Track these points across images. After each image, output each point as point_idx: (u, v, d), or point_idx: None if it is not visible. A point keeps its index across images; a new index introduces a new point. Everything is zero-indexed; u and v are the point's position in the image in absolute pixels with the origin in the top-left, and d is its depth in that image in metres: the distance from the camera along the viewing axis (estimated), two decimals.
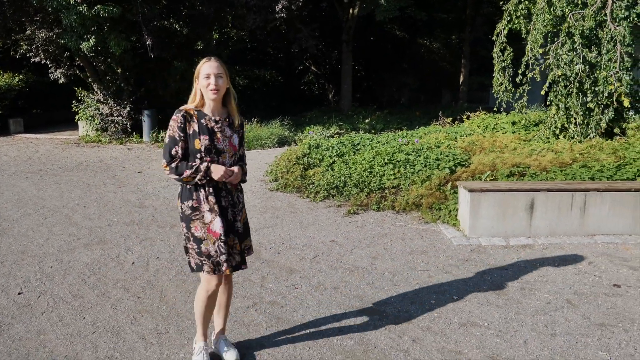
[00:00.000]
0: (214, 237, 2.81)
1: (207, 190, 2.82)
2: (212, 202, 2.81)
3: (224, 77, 2.82)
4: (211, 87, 2.78)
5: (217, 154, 2.82)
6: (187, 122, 2.80)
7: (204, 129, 2.80)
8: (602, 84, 6.92)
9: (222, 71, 2.82)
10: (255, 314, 3.63)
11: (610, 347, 3.16)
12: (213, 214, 2.81)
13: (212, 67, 2.80)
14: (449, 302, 3.79)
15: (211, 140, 2.80)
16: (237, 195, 2.98)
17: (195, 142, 2.78)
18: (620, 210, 5.22)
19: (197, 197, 2.82)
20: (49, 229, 5.68)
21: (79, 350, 3.19)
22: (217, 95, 2.81)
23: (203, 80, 2.80)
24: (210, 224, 2.80)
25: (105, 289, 4.10)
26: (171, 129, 2.81)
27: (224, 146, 2.85)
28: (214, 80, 2.78)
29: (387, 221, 5.78)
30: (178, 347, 3.21)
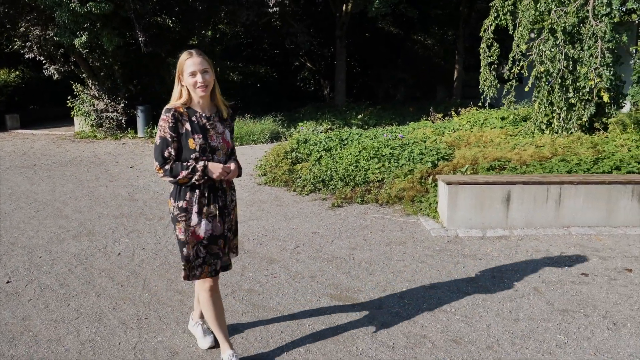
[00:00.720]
0: (195, 240, 2.74)
1: (202, 190, 2.73)
2: (204, 203, 2.73)
3: (209, 71, 2.70)
4: (199, 84, 2.66)
5: (212, 152, 2.73)
6: (177, 122, 2.68)
7: (196, 128, 2.69)
8: (583, 79, 7.06)
9: (207, 65, 2.69)
10: (232, 301, 3.78)
11: (569, 331, 3.31)
12: (200, 217, 2.73)
13: (195, 63, 2.66)
14: (420, 289, 3.94)
15: (205, 138, 2.70)
16: (230, 193, 2.90)
17: (189, 142, 2.68)
18: (595, 203, 5.36)
19: (190, 197, 2.72)
20: (39, 221, 5.83)
21: (61, 334, 3.34)
22: (206, 92, 2.70)
23: (189, 78, 2.67)
24: (195, 227, 2.73)
25: (91, 278, 4.24)
26: (161, 129, 2.69)
27: (218, 143, 2.75)
28: (200, 78, 2.65)
29: (370, 214, 5.92)
30: (156, 331, 3.36)
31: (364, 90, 21.47)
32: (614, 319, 3.46)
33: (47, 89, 16.37)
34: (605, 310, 3.57)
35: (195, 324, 3.21)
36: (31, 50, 11.91)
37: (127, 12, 10.88)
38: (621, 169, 5.82)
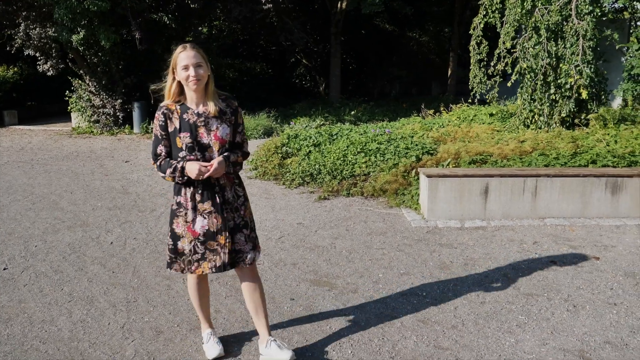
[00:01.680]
0: (193, 236, 2.76)
1: (196, 187, 2.73)
2: (198, 200, 2.74)
3: (203, 65, 2.66)
4: (191, 78, 2.63)
5: (202, 150, 2.69)
6: (167, 119, 2.71)
7: (185, 125, 2.68)
8: (564, 76, 7.27)
9: (200, 59, 2.66)
10: (217, 286, 4.00)
11: (531, 312, 3.53)
12: (195, 213, 2.74)
13: (189, 56, 2.64)
14: (395, 276, 4.15)
15: (193, 136, 2.67)
16: (234, 189, 2.84)
17: (177, 141, 2.69)
18: (570, 195, 5.58)
19: (185, 193, 2.75)
20: (36, 213, 6.04)
21: (55, 315, 3.56)
22: (198, 86, 2.66)
23: (182, 72, 2.65)
24: (191, 223, 2.74)
25: (84, 265, 4.46)
26: (155, 127, 2.76)
27: (209, 140, 2.70)
28: (193, 71, 2.62)
29: (355, 206, 6.14)
30: (144, 313, 3.58)
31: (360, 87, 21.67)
32: (575, 302, 3.67)
33: (45, 86, 16.54)
34: (567, 294, 3.79)
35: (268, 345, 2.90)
36: (29, 47, 12.09)
37: (124, 10, 11.07)
38: (597, 162, 6.03)
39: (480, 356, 2.99)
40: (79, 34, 10.88)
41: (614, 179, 5.55)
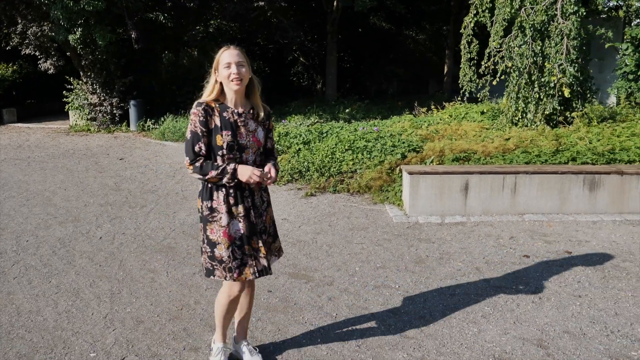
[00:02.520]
0: (229, 241, 2.66)
1: (228, 190, 2.66)
2: (232, 203, 2.66)
3: (245, 66, 2.61)
4: (233, 76, 2.56)
5: (240, 151, 2.64)
6: (208, 116, 2.62)
7: (226, 124, 2.61)
8: (547, 75, 7.39)
9: (243, 59, 2.61)
10: (199, 279, 4.15)
11: (497, 304, 3.67)
12: (230, 217, 2.66)
13: (232, 55, 2.59)
14: (371, 269, 4.30)
15: (234, 136, 2.61)
16: (260, 194, 2.80)
17: (217, 138, 2.61)
18: (548, 192, 5.72)
19: (217, 197, 2.65)
20: (29, 209, 6.20)
21: (41, 306, 3.71)
22: (240, 86, 2.60)
23: (223, 70, 2.59)
24: (226, 227, 2.65)
25: (72, 258, 4.62)
26: (192, 123, 2.62)
27: (247, 141, 2.65)
28: (235, 69, 2.56)
29: (340, 202, 6.29)
30: (126, 304, 3.73)
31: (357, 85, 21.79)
32: (541, 294, 3.82)
33: (44, 84, 16.72)
34: (535, 287, 3.94)
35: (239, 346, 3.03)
36: (28, 46, 12.25)
37: (119, 9, 11.21)
38: (577, 159, 6.16)
39: (442, 344, 3.14)
40: (75, 34, 11.04)
41: (592, 175, 5.69)
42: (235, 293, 2.74)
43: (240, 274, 2.67)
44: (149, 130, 12.43)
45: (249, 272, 2.69)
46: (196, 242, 5.01)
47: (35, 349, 3.15)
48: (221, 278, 2.68)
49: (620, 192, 5.71)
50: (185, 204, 6.37)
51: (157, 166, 8.73)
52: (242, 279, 2.68)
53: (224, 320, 2.87)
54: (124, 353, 3.09)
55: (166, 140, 11.30)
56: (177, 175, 7.98)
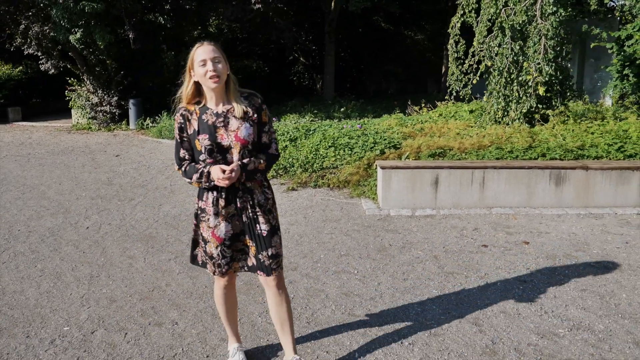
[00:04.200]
0: (217, 242, 2.64)
1: (219, 192, 2.59)
2: (221, 205, 2.60)
3: (222, 62, 2.50)
4: (210, 74, 2.45)
5: (223, 153, 2.54)
6: (186, 121, 2.58)
7: (204, 127, 2.53)
8: (525, 74, 7.63)
9: (219, 54, 2.49)
10: (173, 264, 4.45)
11: (445, 287, 3.94)
12: (219, 219, 2.61)
13: (206, 51, 2.48)
14: (335, 257, 4.58)
15: (212, 138, 2.52)
16: (262, 191, 2.67)
17: (196, 143, 2.56)
18: (516, 186, 5.96)
19: (207, 198, 2.62)
20: (24, 202, 6.54)
21: (25, 287, 4.03)
22: (218, 84, 2.49)
23: (199, 68, 2.48)
24: (214, 229, 2.62)
25: (59, 246, 4.94)
26: (175, 130, 2.64)
27: (230, 142, 2.53)
28: (211, 66, 2.45)
29: (318, 196, 6.57)
30: (103, 286, 4.04)
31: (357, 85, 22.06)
32: (488, 279, 4.08)
33: (48, 84, 17.15)
34: (484, 273, 4.20)
35: None
36: (30, 46, 12.64)
37: (118, 11, 11.56)
38: (546, 155, 6.40)
39: (385, 321, 3.42)
40: (75, 34, 11.40)
41: (558, 170, 5.93)
42: (222, 284, 2.78)
43: (229, 270, 2.71)
44: (147, 128, 12.78)
45: (237, 266, 2.73)
46: (176, 231, 5.32)
47: (15, 324, 3.46)
48: (210, 272, 2.73)
49: (585, 186, 5.94)
50: (172, 197, 6.68)
51: (150, 162, 9.06)
52: (230, 272, 2.74)
53: (228, 318, 2.89)
54: (94, 327, 3.40)
55: (163, 138, 11.64)
56: (167, 171, 8.30)
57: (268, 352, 3.08)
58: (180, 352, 3.10)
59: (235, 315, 2.95)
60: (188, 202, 6.43)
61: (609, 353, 3.03)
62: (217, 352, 3.09)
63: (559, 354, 3.03)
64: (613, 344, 3.13)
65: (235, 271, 2.76)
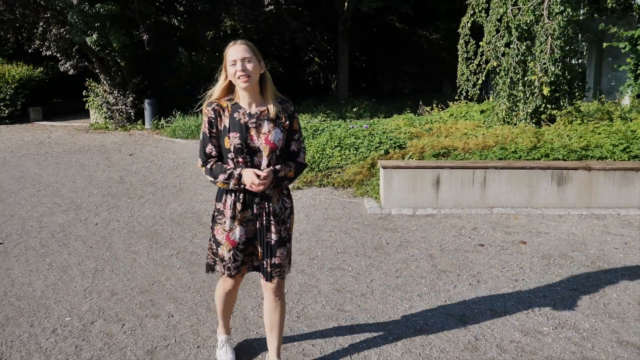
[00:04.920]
0: (231, 245, 2.63)
1: (237, 195, 2.58)
2: (239, 209, 2.59)
3: (253, 61, 2.46)
4: (239, 73, 2.43)
5: (251, 154, 2.51)
6: (218, 116, 2.53)
7: (235, 125, 2.50)
8: (530, 74, 7.63)
9: (250, 54, 2.46)
10: (174, 260, 4.60)
11: (436, 285, 4.01)
12: (234, 222, 2.60)
13: (237, 51, 2.46)
14: (332, 254, 4.68)
15: (242, 138, 2.49)
16: (282, 200, 2.67)
17: (225, 141, 2.52)
18: (518, 186, 5.99)
19: (225, 200, 2.61)
20: (38, 199, 6.77)
21: (33, 280, 4.21)
22: (248, 83, 2.45)
23: (230, 68, 2.47)
24: (229, 232, 2.61)
25: (68, 241, 5.13)
26: (204, 124, 2.57)
27: (259, 144, 2.51)
28: (240, 66, 2.43)
29: (322, 195, 6.67)
30: (106, 279, 4.20)
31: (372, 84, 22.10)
32: (480, 277, 4.14)
33: (69, 84, 17.53)
34: (477, 271, 4.26)
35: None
36: (49, 48, 12.98)
37: (132, 13, 11.82)
38: (550, 156, 6.41)
39: (372, 317, 3.51)
40: (91, 36, 11.68)
41: (560, 171, 5.94)
42: (229, 287, 2.80)
43: (238, 273, 2.71)
44: (162, 128, 13.03)
45: (245, 269, 2.74)
46: (181, 228, 5.47)
47: (21, 313, 3.64)
48: (219, 273, 2.73)
49: (588, 186, 5.94)
50: (180, 195, 6.85)
51: (162, 161, 9.26)
52: (239, 276, 2.74)
53: (224, 312, 2.96)
54: (94, 318, 3.56)
55: (176, 138, 11.86)
56: (177, 170, 8.48)
57: (256, 345, 3.20)
58: (173, 342, 3.23)
59: (230, 310, 3.03)
60: (195, 200, 6.59)
61: (591, 351, 3.08)
62: (208, 343, 3.22)
63: (540, 351, 3.09)
64: (596, 342, 3.18)
65: (242, 274, 2.75)
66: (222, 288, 2.84)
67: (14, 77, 15.56)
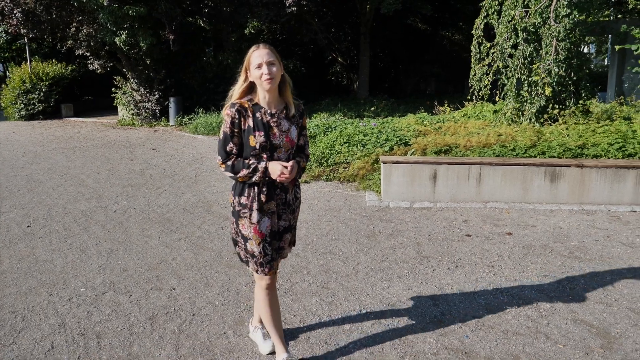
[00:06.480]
0: (260, 237, 2.72)
1: (261, 187, 2.71)
2: (263, 200, 2.71)
3: (276, 64, 2.64)
4: (265, 77, 2.59)
5: (272, 150, 2.69)
6: (241, 117, 2.67)
7: (259, 124, 2.66)
8: (534, 75, 7.85)
9: (274, 58, 2.63)
10: (182, 243, 5.04)
11: (417, 269, 4.34)
12: (261, 214, 2.72)
13: (262, 55, 2.62)
14: (327, 241, 5.05)
15: (267, 136, 2.66)
16: (294, 191, 2.87)
17: (250, 139, 2.66)
18: (512, 182, 6.25)
19: (249, 193, 2.71)
20: (65, 188, 7.32)
21: (54, 257, 4.70)
22: (272, 85, 2.63)
23: (255, 70, 2.62)
24: (257, 224, 2.71)
25: (88, 225, 5.62)
26: (225, 124, 2.69)
27: (280, 141, 2.69)
28: (266, 69, 2.59)
29: (328, 188, 7.04)
30: (120, 258, 4.66)
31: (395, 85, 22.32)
32: (459, 263, 4.45)
33: (100, 82, 18.31)
34: (457, 258, 4.57)
35: (254, 329, 3.21)
36: (80, 47, 13.68)
37: (159, 14, 12.39)
38: (546, 154, 6.64)
39: (352, 294, 3.87)
40: (120, 36, 12.31)
41: (553, 168, 6.18)
42: (268, 283, 2.82)
43: (271, 269, 2.79)
44: (185, 125, 13.59)
45: (277, 265, 2.86)
46: (191, 216, 5.92)
47: (42, 285, 4.12)
48: (253, 270, 2.80)
49: (580, 183, 6.16)
50: (194, 186, 7.31)
51: (182, 156, 9.77)
52: (272, 273, 2.81)
53: (273, 319, 2.86)
54: (105, 290, 4.01)
55: (198, 134, 12.39)
56: (195, 164, 8.97)
57: (246, 315, 3.60)
58: (172, 310, 3.66)
59: (279, 319, 2.93)
60: (207, 191, 7.04)
61: (546, 327, 3.38)
62: (203, 312, 3.63)
63: (499, 325, 3.40)
64: (552, 320, 3.47)
65: (275, 270, 2.83)
66: (260, 288, 2.84)
67: (48, 75, 16.38)
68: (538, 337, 3.26)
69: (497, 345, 3.17)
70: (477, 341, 3.22)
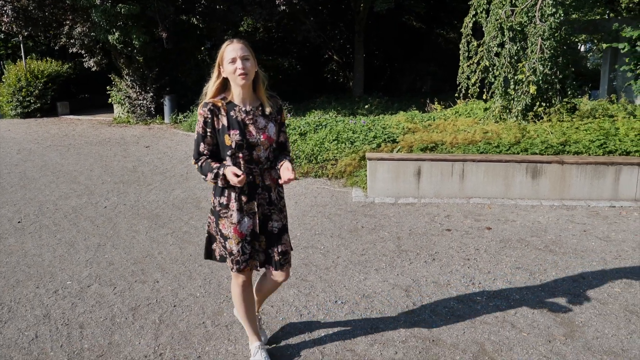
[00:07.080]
0: (239, 237, 2.71)
1: (241, 188, 2.68)
2: (244, 200, 2.69)
3: (251, 59, 2.57)
4: (239, 71, 2.53)
5: (250, 149, 2.64)
6: (214, 117, 2.62)
7: (234, 123, 2.61)
8: (519, 73, 7.97)
9: (248, 53, 2.57)
10: (169, 237, 5.16)
11: (395, 262, 4.47)
12: (241, 214, 2.70)
13: (236, 49, 2.56)
14: (310, 235, 5.17)
15: (242, 135, 2.61)
16: (277, 190, 2.84)
17: (225, 138, 2.62)
18: (494, 178, 6.38)
19: (229, 194, 2.70)
20: (57, 185, 7.44)
21: (43, 252, 4.83)
22: (246, 81, 2.58)
23: (228, 65, 2.56)
24: (238, 225, 2.70)
25: (78, 221, 5.75)
26: (198, 124, 2.67)
27: (257, 139, 2.65)
28: (240, 64, 2.53)
29: (315, 185, 7.17)
30: (107, 252, 4.79)
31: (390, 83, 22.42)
32: (436, 256, 4.58)
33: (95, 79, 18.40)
34: (435, 251, 4.70)
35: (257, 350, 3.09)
36: (74, 45, 13.77)
37: (152, 12, 12.49)
38: (528, 150, 6.77)
39: (329, 285, 4.00)
40: (114, 34, 12.41)
41: (534, 164, 6.31)
42: (243, 280, 2.83)
43: (247, 267, 2.78)
44: (180, 122, 13.71)
45: (253, 264, 2.83)
46: (180, 212, 6.04)
47: (29, 278, 4.24)
48: (229, 267, 2.80)
49: (561, 179, 6.29)
50: (184, 183, 7.43)
51: (174, 153, 9.89)
52: (248, 269, 2.80)
53: (247, 315, 2.93)
54: (91, 282, 4.14)
55: (192, 132, 12.51)
56: (187, 161, 9.09)
57: (225, 306, 3.72)
58: (154, 302, 3.78)
59: (254, 312, 3.00)
60: (197, 187, 7.16)
61: (513, 317, 3.51)
62: (184, 303, 3.75)
63: (468, 315, 3.53)
64: (520, 310, 3.60)
65: (251, 268, 2.83)
66: (236, 284, 2.86)
67: (43, 73, 16.48)
68: (504, 325, 3.39)
69: (464, 333, 3.30)
70: (445, 330, 3.34)
